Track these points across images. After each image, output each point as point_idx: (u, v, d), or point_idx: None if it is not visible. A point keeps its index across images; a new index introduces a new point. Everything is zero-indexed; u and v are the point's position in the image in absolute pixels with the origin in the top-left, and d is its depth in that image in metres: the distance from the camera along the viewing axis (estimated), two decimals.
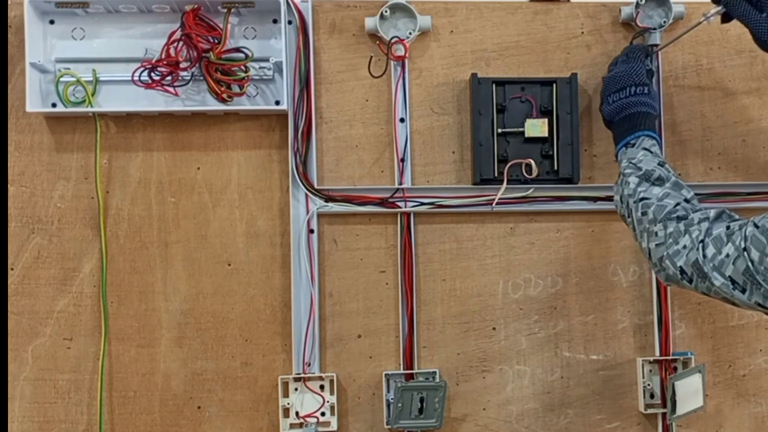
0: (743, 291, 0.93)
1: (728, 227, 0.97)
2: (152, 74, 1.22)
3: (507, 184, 1.27)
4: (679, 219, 1.03)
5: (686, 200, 1.06)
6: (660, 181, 1.08)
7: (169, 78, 1.23)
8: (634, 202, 1.08)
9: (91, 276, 1.27)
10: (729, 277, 0.94)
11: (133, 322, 1.28)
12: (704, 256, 0.97)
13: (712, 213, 1.01)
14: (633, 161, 1.12)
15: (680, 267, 1.00)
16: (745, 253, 0.92)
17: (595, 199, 1.31)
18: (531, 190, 1.29)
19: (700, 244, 0.98)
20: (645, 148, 1.14)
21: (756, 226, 0.92)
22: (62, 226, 1.27)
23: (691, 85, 1.35)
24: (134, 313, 1.28)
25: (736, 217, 1.01)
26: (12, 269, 1.26)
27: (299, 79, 1.27)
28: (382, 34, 1.28)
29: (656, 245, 1.03)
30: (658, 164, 1.11)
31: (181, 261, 1.28)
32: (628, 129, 1.17)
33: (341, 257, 1.30)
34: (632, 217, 1.09)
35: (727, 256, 0.94)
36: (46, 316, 1.27)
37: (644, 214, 1.06)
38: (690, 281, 0.99)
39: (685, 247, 1.00)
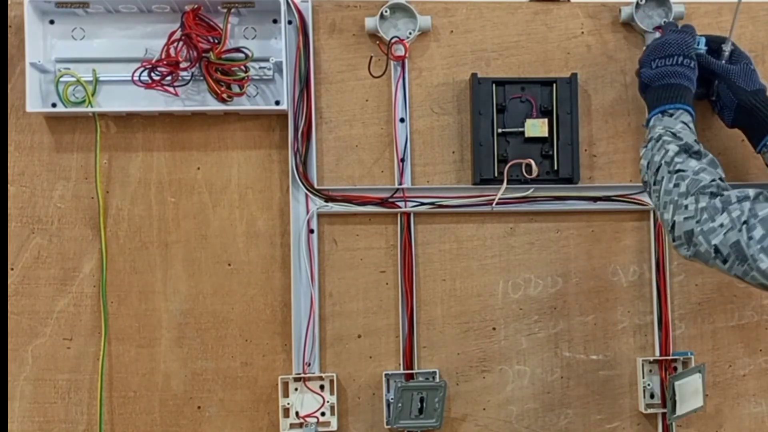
0: None
1: None
2: (152, 74, 1.22)
3: (507, 184, 1.27)
4: (713, 195, 1.00)
5: (721, 179, 1.04)
6: (698, 155, 1.07)
7: (169, 78, 1.23)
8: (669, 172, 1.06)
9: (91, 276, 1.27)
10: None
11: (133, 322, 1.28)
12: (750, 237, 0.94)
13: (751, 192, 0.98)
14: (671, 130, 1.10)
15: (715, 245, 0.97)
16: None
17: (595, 199, 1.31)
18: (531, 190, 1.29)
19: (743, 225, 0.95)
20: (683, 122, 1.12)
21: None
22: (62, 226, 1.27)
23: None
24: (134, 313, 1.28)
25: None
26: (12, 269, 1.26)
27: (299, 79, 1.27)
28: (382, 34, 1.29)
29: (684, 218, 1.01)
30: (695, 141, 1.09)
31: (181, 261, 1.28)
32: (668, 97, 1.15)
33: (341, 257, 1.30)
34: (660, 186, 1.06)
35: None
36: (46, 316, 1.27)
37: (676, 185, 1.04)
38: (724, 261, 0.97)
39: (722, 225, 0.97)
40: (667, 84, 1.16)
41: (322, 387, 1.28)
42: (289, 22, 1.27)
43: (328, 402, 1.27)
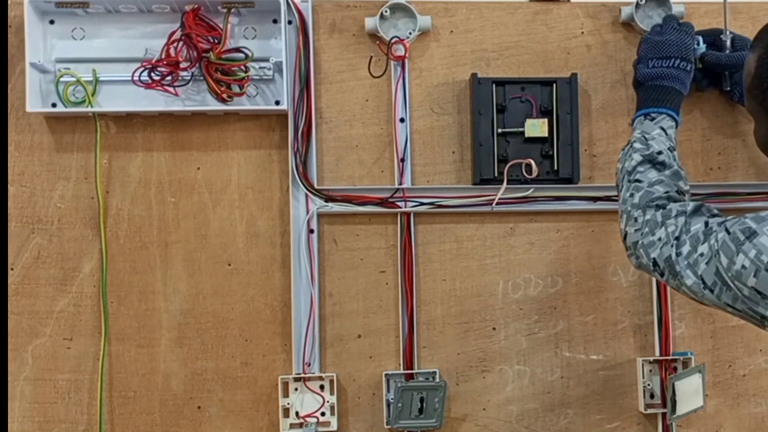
0: (712, 291, 0.94)
1: (707, 224, 0.96)
2: (152, 74, 1.22)
3: (507, 184, 1.27)
4: (658, 207, 1.03)
5: (678, 191, 1.05)
6: (661, 166, 1.08)
7: (169, 78, 1.23)
8: (628, 181, 1.08)
9: (91, 276, 1.27)
10: (701, 276, 0.94)
11: (133, 322, 1.28)
12: (678, 253, 0.97)
13: (690, 206, 1.00)
14: (646, 135, 1.12)
15: (653, 258, 1.00)
16: (716, 257, 0.92)
17: (595, 199, 1.31)
18: (531, 190, 1.29)
19: (675, 241, 0.97)
20: (662, 128, 1.13)
21: (728, 231, 0.92)
22: (62, 226, 1.27)
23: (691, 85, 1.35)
24: (134, 313, 1.28)
25: (715, 211, 1.00)
26: (12, 269, 1.26)
27: (299, 79, 1.27)
28: (382, 34, 1.28)
29: (634, 230, 1.04)
30: (668, 149, 1.10)
31: (181, 261, 1.28)
32: (655, 99, 1.16)
33: (341, 257, 1.30)
34: (620, 194, 1.09)
35: (702, 255, 0.94)
36: (46, 316, 1.27)
37: (631, 195, 1.06)
38: (661, 275, 1.00)
39: (659, 239, 1.00)
40: (659, 86, 1.17)
41: (322, 387, 1.28)
42: (289, 22, 1.27)
43: (328, 402, 1.27)
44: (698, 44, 1.22)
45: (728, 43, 1.23)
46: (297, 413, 1.27)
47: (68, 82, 1.25)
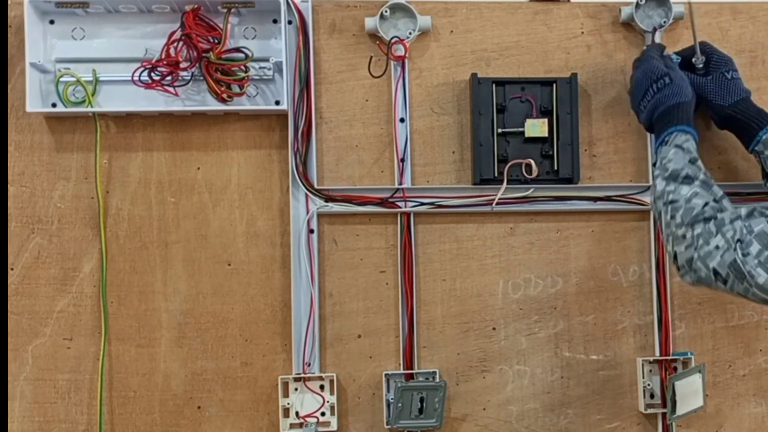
0: None
1: None
2: (152, 74, 1.22)
3: (507, 184, 1.27)
4: (706, 220, 1.02)
5: (715, 200, 1.05)
6: (688, 180, 1.07)
7: (169, 78, 1.23)
8: (663, 204, 1.07)
9: (91, 276, 1.27)
10: None
11: (133, 322, 1.28)
12: (745, 254, 0.96)
13: (743, 211, 1.00)
14: (664, 161, 1.12)
15: (713, 268, 0.99)
16: None
17: (595, 199, 1.31)
18: (531, 190, 1.29)
19: (737, 244, 0.96)
20: (677, 145, 1.13)
21: None
22: (62, 226, 1.27)
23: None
24: (134, 313, 1.28)
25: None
26: (12, 269, 1.26)
27: (299, 79, 1.28)
28: (382, 34, 1.29)
29: (685, 248, 1.03)
30: (689, 161, 1.10)
31: (181, 261, 1.28)
32: (662, 127, 1.16)
33: (341, 257, 1.30)
34: (661, 220, 1.08)
35: None
36: (46, 316, 1.27)
37: (672, 217, 1.05)
38: (725, 282, 0.98)
39: (717, 247, 0.99)
40: (660, 114, 1.17)
41: (322, 387, 1.28)
42: (289, 22, 1.27)
43: (328, 402, 1.27)
44: (673, 61, 1.24)
45: (700, 65, 1.23)
46: (297, 413, 1.27)
47: (68, 82, 1.25)
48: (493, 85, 1.28)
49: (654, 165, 1.16)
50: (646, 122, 1.21)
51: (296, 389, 1.27)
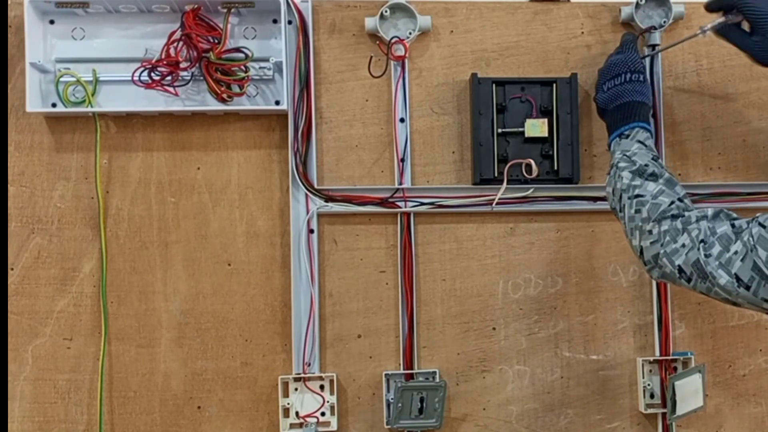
0: (748, 288, 0.93)
1: (733, 225, 0.96)
2: (152, 74, 1.22)
3: (507, 184, 1.27)
4: (674, 217, 1.02)
5: (680, 199, 1.05)
6: (654, 177, 1.08)
7: (169, 78, 1.23)
8: (629, 198, 1.07)
9: (91, 276, 1.27)
10: (735, 274, 0.94)
11: (133, 322, 1.28)
12: (707, 255, 0.96)
13: (709, 212, 1.00)
14: (627, 153, 1.11)
15: (678, 266, 0.99)
16: (753, 252, 0.92)
17: (595, 199, 1.31)
18: (531, 190, 1.29)
19: (701, 244, 0.97)
20: (639, 141, 1.13)
21: (762, 226, 0.92)
22: (62, 226, 1.27)
23: (691, 85, 1.35)
24: (134, 313, 1.28)
25: (734, 215, 1.00)
26: (12, 269, 1.26)
27: (299, 79, 1.28)
28: (382, 34, 1.29)
29: (651, 243, 1.03)
30: (652, 158, 1.10)
31: (181, 261, 1.28)
32: (622, 118, 1.16)
33: (341, 257, 1.30)
34: (624, 213, 1.08)
35: (735, 253, 0.94)
36: (46, 316, 1.27)
37: (638, 211, 1.05)
38: (688, 281, 0.99)
39: (683, 246, 0.99)
40: (622, 104, 1.17)
41: (322, 387, 1.28)
42: (289, 22, 1.27)
43: (328, 402, 1.27)
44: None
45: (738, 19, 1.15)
46: (297, 413, 1.27)
47: (68, 82, 1.25)
48: (493, 85, 1.28)
49: (613, 154, 1.15)
50: (603, 104, 1.20)
51: (296, 389, 1.27)
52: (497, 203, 1.28)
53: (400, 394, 1.25)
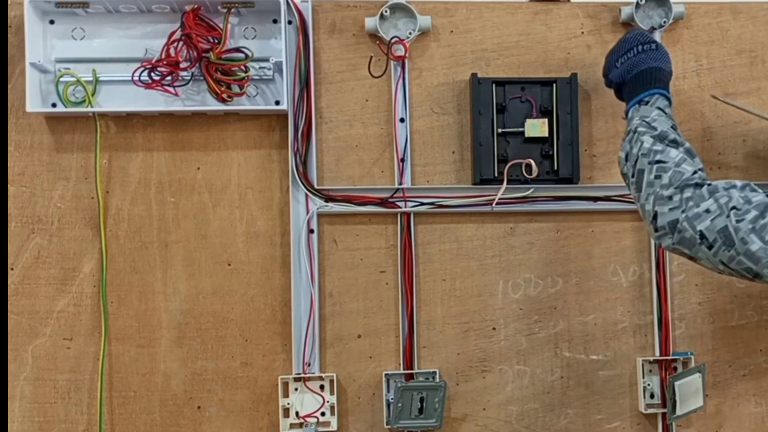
0: None
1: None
2: (152, 74, 1.22)
3: (507, 184, 1.27)
4: (697, 185, 1.00)
5: (701, 169, 1.03)
6: (675, 144, 1.05)
7: (169, 78, 1.23)
8: (649, 163, 1.04)
9: (91, 276, 1.27)
10: None
11: (133, 322, 1.28)
12: (739, 220, 0.95)
13: (738, 182, 0.99)
14: (647, 119, 1.09)
15: (700, 231, 0.97)
16: None
17: (595, 199, 1.31)
18: (531, 190, 1.29)
19: (732, 211, 0.96)
20: (659, 108, 1.10)
21: None
22: (62, 226, 1.27)
23: (691, 85, 1.35)
24: (134, 313, 1.28)
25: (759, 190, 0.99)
26: (12, 269, 1.26)
27: (299, 79, 1.27)
28: (382, 34, 1.28)
29: (669, 209, 1.00)
30: (672, 127, 1.08)
31: (181, 261, 1.28)
32: (640, 86, 1.13)
33: (341, 257, 1.30)
34: (642, 177, 1.05)
35: None
36: (46, 316, 1.27)
37: (658, 177, 1.03)
38: (709, 247, 0.97)
39: (708, 211, 0.97)
40: (638, 72, 1.14)
41: (322, 387, 1.28)
42: (289, 22, 1.27)
43: (328, 402, 1.27)
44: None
45: None
46: (297, 413, 1.27)
47: (68, 82, 1.25)
48: (493, 85, 1.28)
49: (630, 120, 1.12)
50: (618, 78, 1.17)
51: (296, 389, 1.27)
52: (497, 203, 1.28)
53: (400, 394, 1.25)
